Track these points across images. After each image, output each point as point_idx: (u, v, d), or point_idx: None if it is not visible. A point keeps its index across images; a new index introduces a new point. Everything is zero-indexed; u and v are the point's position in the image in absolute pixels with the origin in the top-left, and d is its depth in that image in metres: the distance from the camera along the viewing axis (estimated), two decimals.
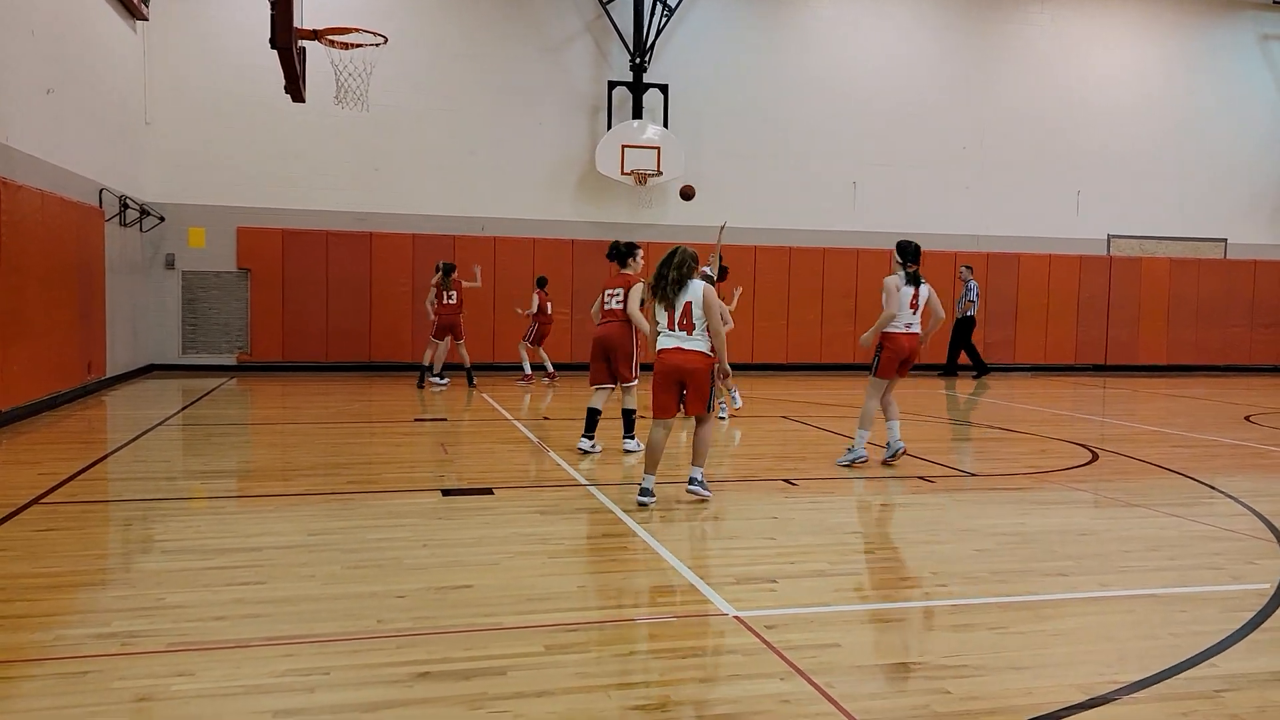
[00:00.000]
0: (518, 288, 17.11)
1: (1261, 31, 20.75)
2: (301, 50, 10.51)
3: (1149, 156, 20.36)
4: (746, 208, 18.58)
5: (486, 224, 17.57)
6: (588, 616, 4.31)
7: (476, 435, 10.01)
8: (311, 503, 6.60)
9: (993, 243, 19.70)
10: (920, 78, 19.32)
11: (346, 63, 11.12)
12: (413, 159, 17.27)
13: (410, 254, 16.85)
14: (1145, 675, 3.64)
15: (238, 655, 3.75)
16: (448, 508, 6.47)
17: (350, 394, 13.74)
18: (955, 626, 4.28)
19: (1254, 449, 9.70)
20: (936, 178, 19.40)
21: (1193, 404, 14.19)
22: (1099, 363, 20.24)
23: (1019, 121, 19.74)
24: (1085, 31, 20.02)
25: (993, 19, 19.63)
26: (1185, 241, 20.81)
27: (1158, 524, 6.25)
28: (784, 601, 4.55)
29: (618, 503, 6.60)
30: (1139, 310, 20.28)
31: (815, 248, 18.71)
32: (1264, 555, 5.45)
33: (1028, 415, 12.39)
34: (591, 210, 18.09)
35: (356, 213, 17.08)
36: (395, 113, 16.92)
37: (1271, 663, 3.82)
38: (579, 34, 17.94)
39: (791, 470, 8.04)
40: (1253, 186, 21.03)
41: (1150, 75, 20.39)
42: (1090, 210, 20.25)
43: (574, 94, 17.94)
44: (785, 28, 18.81)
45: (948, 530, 6.09)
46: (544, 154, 17.85)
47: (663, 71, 18.04)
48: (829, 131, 18.90)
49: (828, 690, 3.49)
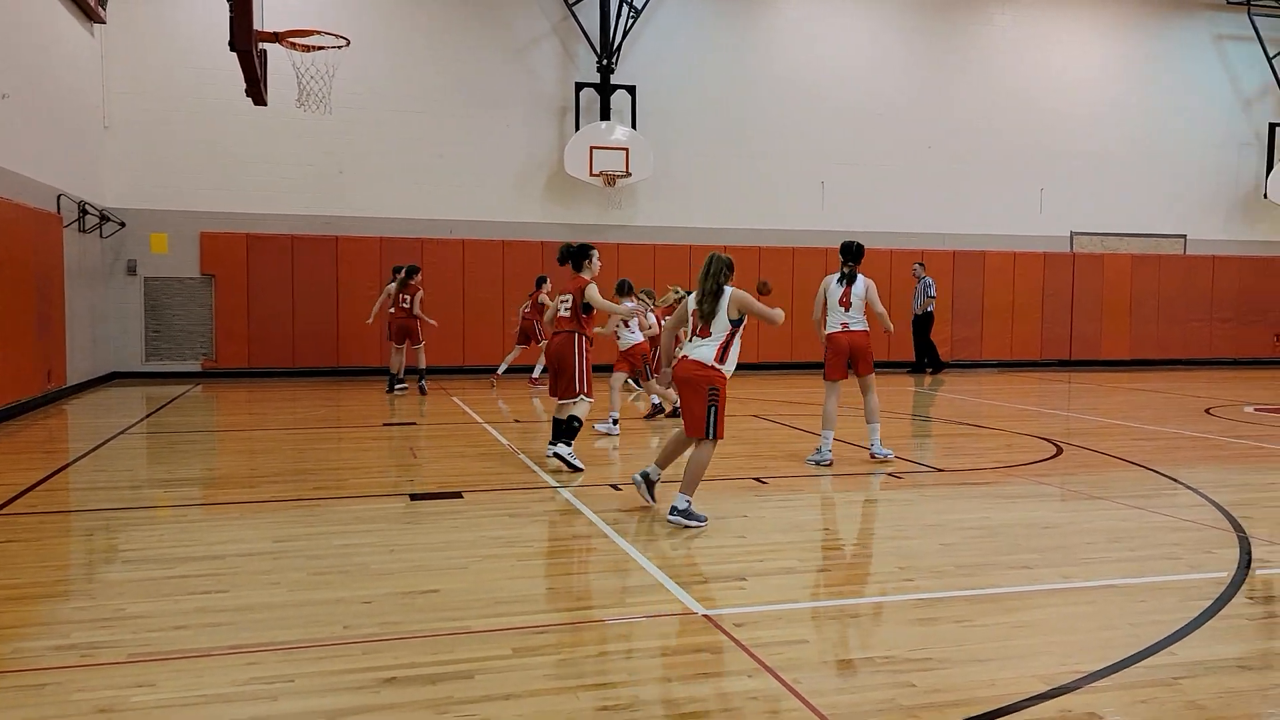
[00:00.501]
0: (487, 290, 17.06)
1: (1215, 32, 21.11)
2: (262, 53, 10.41)
3: (1110, 155, 20.66)
4: (715, 208, 18.66)
5: (454, 227, 17.49)
6: (556, 618, 4.30)
7: (446, 439, 9.96)
8: (277, 509, 6.54)
9: (958, 241, 19.89)
10: (886, 77, 19.47)
11: (308, 65, 11.04)
12: (379, 162, 17.16)
13: (377, 257, 16.74)
14: (1105, 664, 3.69)
15: (200, 665, 3.71)
16: (415, 512, 6.43)
17: (317, 399, 13.62)
18: (921, 620, 4.32)
19: (1214, 441, 9.86)
20: (903, 177, 19.57)
21: (1155, 398, 14.41)
22: (1064, 358, 20.49)
23: (983, 121, 19.95)
24: (1045, 32, 20.27)
25: (956, 20, 19.83)
26: (1146, 238, 21.13)
27: (1119, 516, 6.33)
28: (753, 599, 4.56)
29: (588, 504, 6.60)
30: (1102, 306, 20.55)
31: (784, 247, 18.80)
32: (1222, 545, 5.54)
33: (994, 411, 12.52)
34: (561, 212, 18.06)
35: (322, 216, 16.95)
36: (360, 115, 16.81)
37: (1228, 650, 3.89)
38: (545, 35, 17.91)
39: (762, 469, 8.06)
40: (1210, 184, 21.39)
41: (1110, 75, 20.68)
42: (1053, 208, 20.51)
43: (541, 95, 17.91)
44: (752, 28, 18.90)
45: (915, 526, 6.14)
46: (512, 156, 17.80)
47: (630, 73, 18.06)
48: (796, 131, 19.00)
49: (795, 686, 3.51)
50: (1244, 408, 12.83)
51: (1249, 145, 21.49)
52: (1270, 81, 21.30)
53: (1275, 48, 21.06)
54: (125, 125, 16.01)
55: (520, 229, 17.78)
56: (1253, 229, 21.65)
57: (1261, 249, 21.58)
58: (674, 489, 6.17)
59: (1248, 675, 3.63)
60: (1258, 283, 21.34)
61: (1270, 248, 21.66)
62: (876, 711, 3.31)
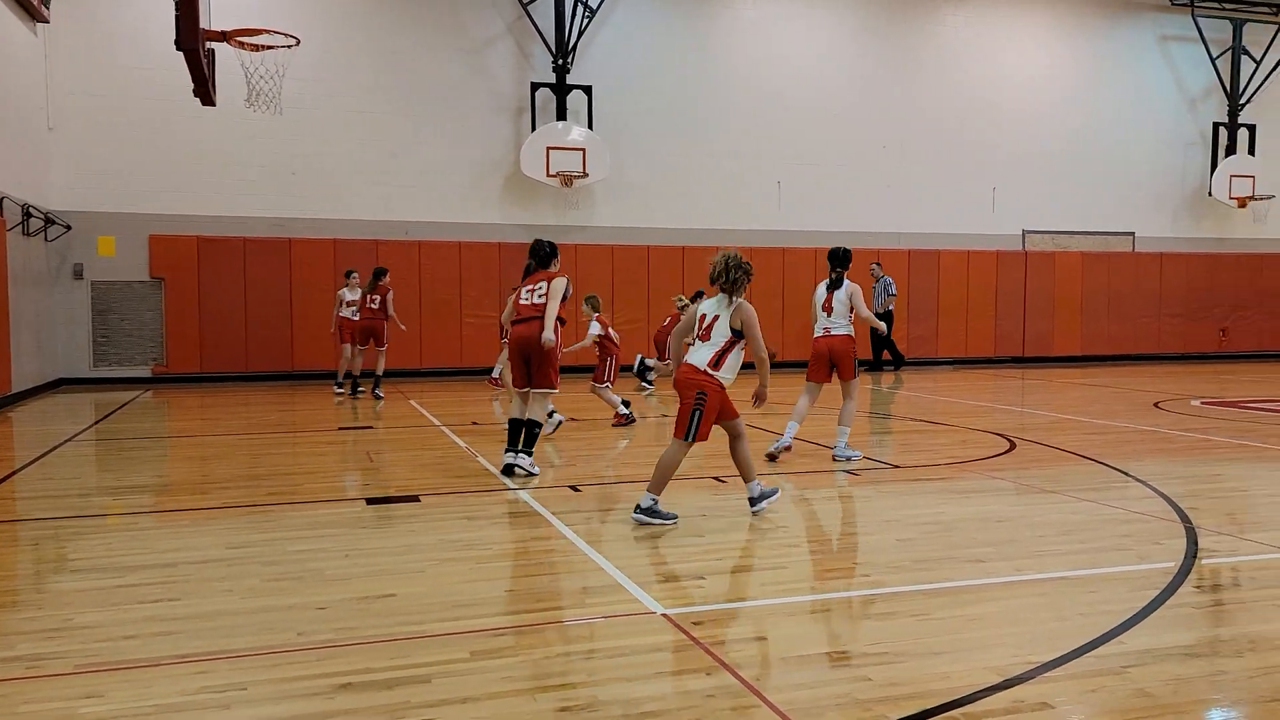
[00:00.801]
0: (444, 292, 16.94)
1: (1161, 33, 21.58)
2: (210, 52, 10.24)
3: (1060, 154, 21.02)
4: (673, 208, 18.70)
5: (410, 228, 17.36)
6: (515, 621, 4.28)
7: (403, 442, 9.87)
8: (230, 516, 6.44)
9: (913, 240, 20.12)
10: (841, 78, 19.65)
11: (257, 65, 10.88)
12: (332, 163, 16.98)
13: (332, 259, 16.55)
14: (1057, 655, 3.75)
15: (149, 674, 3.63)
16: (372, 516, 6.37)
17: (271, 404, 13.44)
18: (878, 615, 4.36)
19: (1162, 434, 10.07)
20: (858, 176, 19.76)
21: (1105, 392, 14.68)
22: (1017, 355, 20.82)
23: (936, 121, 20.21)
24: (996, 33, 20.58)
25: (909, 21, 20.06)
26: (1096, 236, 21.54)
27: (1071, 509, 6.44)
28: (712, 597, 4.58)
29: (546, 506, 6.57)
30: (1053, 303, 20.91)
31: (742, 247, 18.81)
32: (1170, 536, 5.66)
33: (949, 407, 12.68)
34: (518, 213, 17.99)
35: (274, 218, 16.72)
36: (312, 115, 16.63)
37: (1175, 638, 3.97)
38: (500, 35, 17.84)
39: (720, 468, 8.08)
40: (1157, 183, 21.86)
41: (1059, 76, 21.05)
42: (1006, 207, 20.82)
43: (497, 95, 17.83)
44: (708, 29, 18.96)
45: (871, 522, 6.20)
46: (468, 156, 17.70)
47: (586, 73, 18.04)
48: (753, 131, 19.10)
49: (754, 683, 3.52)
50: (1191, 401, 13.12)
51: (1194, 145, 21.99)
52: (1214, 82, 21.81)
53: (1218, 48, 21.57)
54: (71, 126, 15.68)
55: (477, 230, 17.68)
56: (1198, 226, 22.16)
57: (1207, 246, 22.09)
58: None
59: (1195, 663, 3.70)
60: (1204, 279, 21.84)
61: (1215, 245, 22.18)
62: (834, 706, 3.33)
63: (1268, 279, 22.28)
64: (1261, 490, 7.23)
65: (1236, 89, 21.80)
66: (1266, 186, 21.63)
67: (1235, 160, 21.71)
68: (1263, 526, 5.97)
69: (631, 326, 17.68)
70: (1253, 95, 21.81)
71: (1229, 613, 4.43)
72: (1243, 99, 21.82)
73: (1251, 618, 4.29)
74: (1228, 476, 7.77)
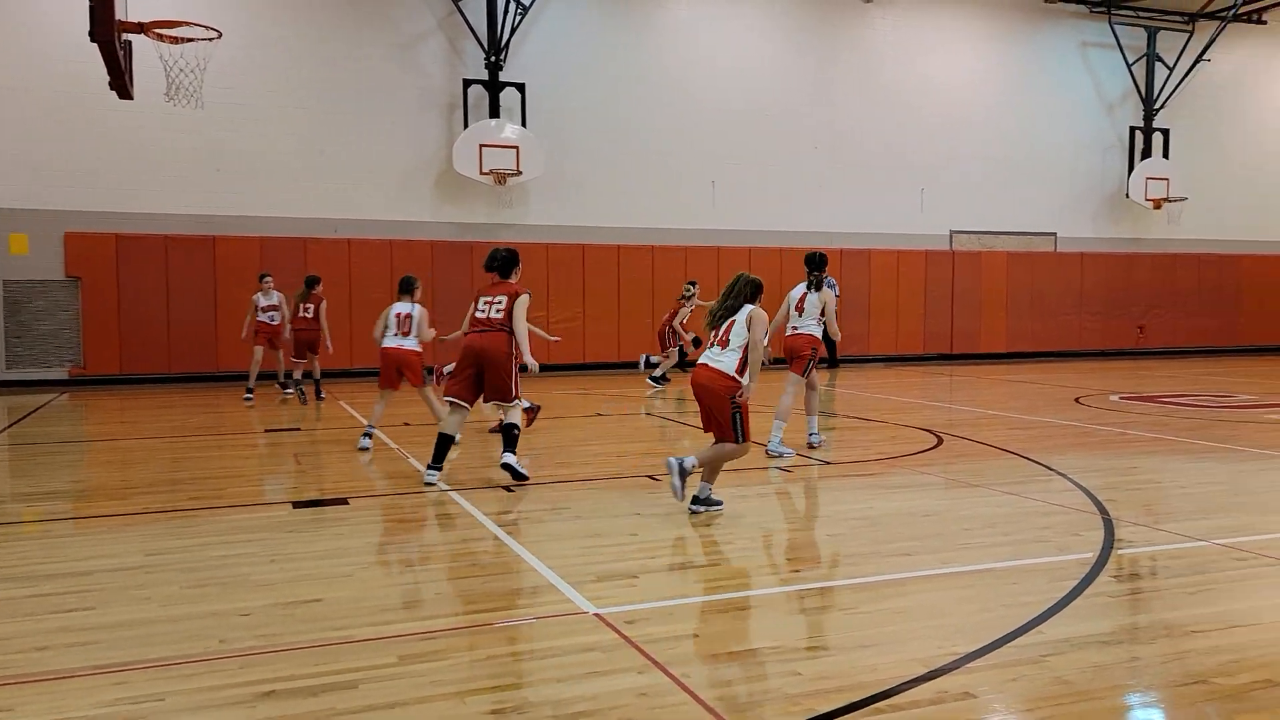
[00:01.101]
0: (375, 291, 16.67)
1: (1080, 39, 22.22)
2: (127, 44, 9.91)
3: (985, 157, 21.51)
4: (609, 207, 18.69)
5: (339, 226, 17.06)
6: (444, 624, 4.23)
7: (332, 445, 9.69)
8: (150, 521, 6.25)
9: (845, 239, 20.40)
10: (774, 79, 19.83)
11: (177, 58, 10.57)
12: (258, 159, 16.60)
13: (258, 258, 16.18)
14: (979, 645, 3.83)
15: (63, 686, 3.51)
16: (299, 520, 6.24)
17: (195, 406, 13.10)
18: (807, 610, 4.41)
19: (1082, 429, 10.37)
20: (791, 177, 19.97)
21: (1029, 388, 15.07)
22: (946, 352, 21.26)
23: (866, 122, 20.52)
24: (923, 37, 20.97)
25: (839, 23, 20.34)
26: (1020, 236, 22.09)
27: (995, 502, 6.59)
28: (644, 596, 4.58)
29: (478, 507, 6.51)
30: (980, 302, 21.41)
31: (678, 246, 18.96)
32: (1088, 527, 5.82)
33: (880, 404, 12.89)
34: (451, 211, 17.81)
35: (198, 215, 16.29)
36: (237, 110, 16.24)
37: (1091, 627, 4.08)
38: (431, 31, 17.63)
39: (655, 467, 8.09)
40: (1078, 184, 22.51)
41: (984, 80, 21.54)
42: (934, 208, 21.24)
43: (428, 92, 17.62)
44: (641, 27, 18.98)
45: (803, 518, 6.27)
46: (398, 153, 17.46)
47: (519, 70, 17.92)
48: (688, 130, 19.18)
49: (684, 681, 3.53)
50: (1110, 396, 13.53)
51: (1113, 148, 22.69)
52: (1130, 87, 22.54)
53: (1134, 55, 22.29)
54: None
55: (409, 228, 17.46)
56: (1117, 227, 22.87)
57: (1124, 246, 22.82)
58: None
59: (1111, 650, 3.81)
60: (1122, 278, 22.56)
61: (1133, 245, 22.93)
62: (763, 701, 3.36)
63: (1181, 278, 23.11)
64: (1175, 482, 7.49)
65: (1151, 94, 22.56)
66: (1180, 189, 22.42)
67: (1151, 163, 22.47)
68: (1176, 517, 6.18)
69: (568, 325, 17.63)
70: (1166, 100, 22.58)
71: (1144, 601, 4.58)
72: (1157, 104, 22.59)
73: (1165, 605, 4.44)
74: (1144, 469, 8.04)
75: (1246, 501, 6.70)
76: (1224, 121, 23.56)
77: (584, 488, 7.27)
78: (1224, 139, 23.57)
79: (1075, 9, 21.92)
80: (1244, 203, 23.67)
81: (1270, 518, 6.18)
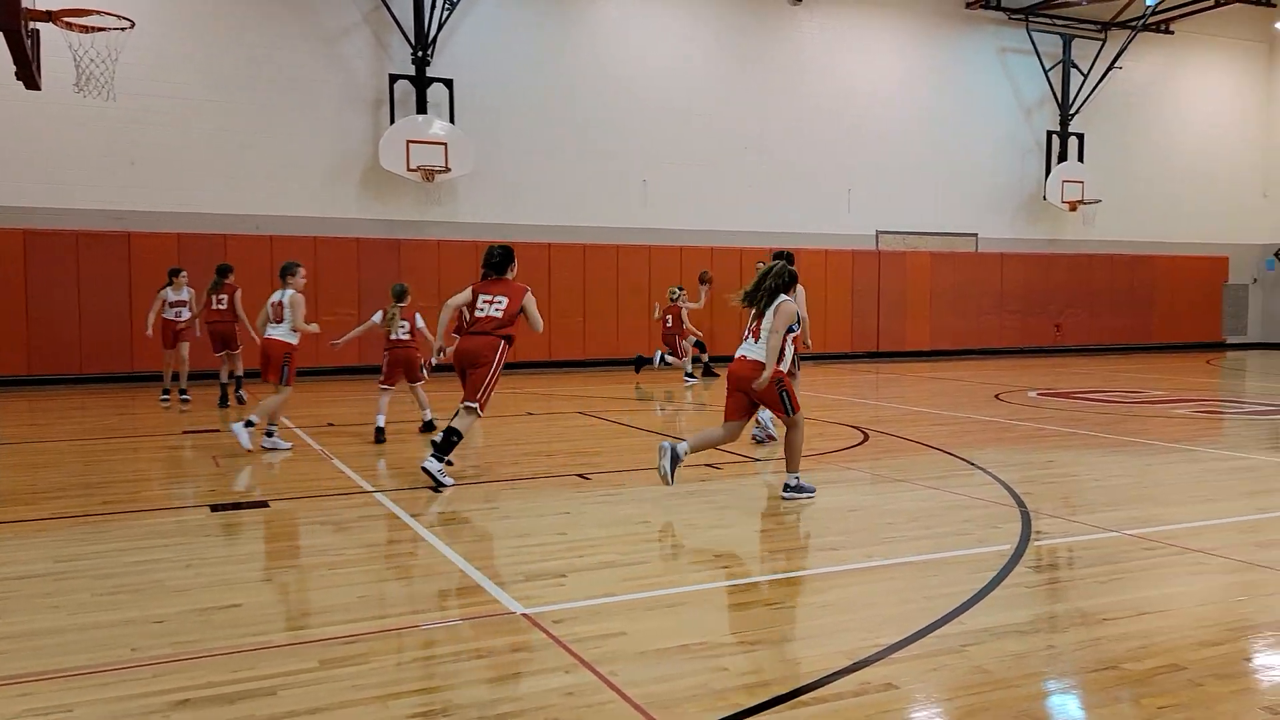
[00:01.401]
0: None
1: (1000, 45, 22.81)
2: (34, 32, 9.52)
3: (909, 158, 21.94)
4: (538, 205, 18.59)
5: (261, 222, 16.66)
6: (368, 627, 4.15)
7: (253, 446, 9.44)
8: (60, 527, 6.02)
9: (774, 239, 20.56)
10: (703, 78, 19.94)
11: (87, 47, 10.18)
12: (175, 153, 16.12)
13: (175, 254, 15.69)
14: (902, 637, 3.90)
15: None
16: (217, 524, 6.07)
17: (108, 407, 12.66)
18: (734, 605, 4.43)
19: (1001, 424, 10.65)
20: (721, 176, 20.10)
21: (952, 385, 15.42)
22: (872, 350, 21.63)
23: (794, 123, 20.77)
24: (847, 40, 21.30)
25: (767, 24, 20.54)
26: (942, 236, 22.59)
27: (918, 497, 6.73)
28: (572, 595, 4.56)
29: (404, 508, 6.42)
30: (905, 301, 21.83)
31: (609, 244, 18.94)
32: (1006, 520, 5.98)
33: (808, 401, 13.01)
34: (377, 207, 17.52)
35: (111, 210, 15.76)
36: (153, 103, 15.76)
37: (1010, 616, 4.19)
38: (357, 25, 17.33)
39: (585, 465, 8.08)
40: (997, 186, 23.10)
41: (907, 83, 21.97)
42: (861, 208, 21.59)
43: (353, 87, 17.32)
44: (571, 24, 18.92)
45: (731, 514, 6.31)
46: (323, 148, 17.12)
47: (447, 66, 17.72)
48: (618, 129, 19.17)
49: (611, 679, 3.52)
50: (1028, 393, 13.92)
51: (1031, 151, 23.34)
52: (1047, 92, 23.20)
53: (1051, 61, 22.96)
54: None
55: (334, 224, 17.14)
56: (1035, 228, 23.54)
57: (1042, 246, 23.50)
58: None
59: (1028, 639, 3.92)
60: (1040, 277, 23.23)
61: (1049, 245, 23.62)
62: (690, 698, 3.37)
63: (1096, 278, 23.89)
64: (1090, 475, 7.73)
65: (1067, 100, 23.26)
66: (1094, 191, 23.18)
67: (1067, 166, 23.18)
68: (1091, 509, 6.38)
69: None
70: (1081, 106, 23.32)
71: (1060, 590, 4.71)
72: (1073, 109, 23.31)
73: (1079, 594, 4.57)
74: (1060, 463, 8.28)
75: (1155, 493, 6.95)
76: (1135, 127, 24.43)
77: (512, 487, 7.21)
78: (1135, 144, 24.44)
79: (995, 15, 22.49)
80: (1154, 205, 24.58)
81: (1177, 509, 6.42)
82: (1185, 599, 4.52)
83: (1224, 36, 25.06)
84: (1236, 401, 13.39)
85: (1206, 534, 5.64)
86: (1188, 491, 7.03)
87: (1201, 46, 24.90)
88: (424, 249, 17.54)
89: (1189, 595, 4.58)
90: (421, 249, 17.51)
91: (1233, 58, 25.42)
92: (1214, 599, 4.53)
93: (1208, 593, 4.63)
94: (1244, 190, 25.83)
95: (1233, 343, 25.83)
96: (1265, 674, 3.67)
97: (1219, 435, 10.13)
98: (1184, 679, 3.51)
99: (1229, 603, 4.47)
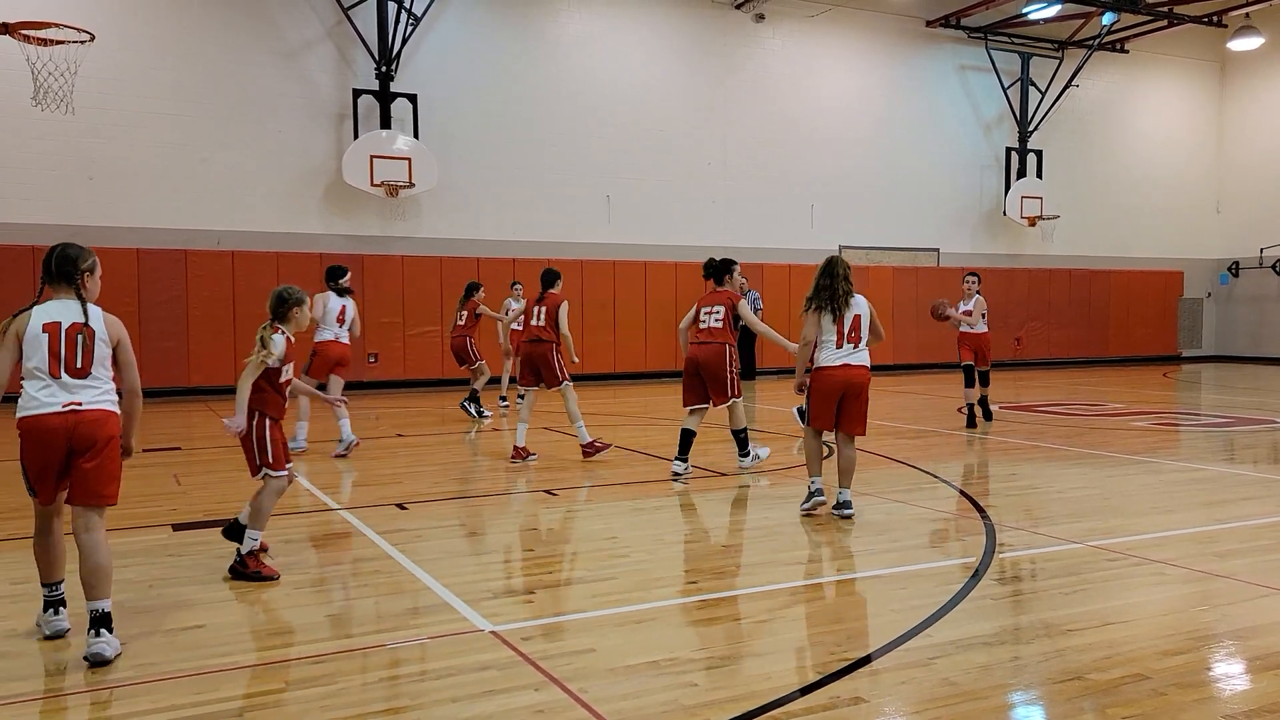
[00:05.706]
0: (259, 304, 16.11)
1: (959, 63, 23.18)
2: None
3: (871, 174, 22.18)
4: (502, 220, 18.55)
5: (222, 237, 16.47)
6: (335, 646, 4.10)
7: (215, 464, 9.32)
8: (14, 549, 5.89)
9: (739, 254, 20.50)
10: (666, 94, 20.04)
11: (46, 60, 10.05)
12: (135, 167, 15.90)
13: (135, 270, 15.48)
14: (870, 650, 3.92)
15: None
16: (179, 544, 5.97)
17: None
18: (703, 621, 4.43)
19: (965, 437, 10.77)
20: (685, 192, 20.18)
21: (915, 399, 15.57)
22: None
23: (758, 139, 20.92)
24: (809, 57, 21.52)
25: (730, 40, 20.71)
26: (905, 251, 22.84)
27: (885, 510, 6.78)
28: (541, 612, 4.54)
29: (370, 525, 6.35)
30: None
31: (573, 260, 18.91)
32: (971, 532, 6.04)
33: (774, 416, 13.12)
34: (340, 222, 17.39)
35: (68, 226, 15.47)
36: (112, 117, 15.54)
37: (974, 629, 4.23)
38: (320, 40, 17.23)
39: (551, 481, 8.06)
40: (958, 201, 23.42)
41: (869, 100, 22.23)
42: (824, 223, 21.77)
43: (316, 101, 17.20)
44: (535, 40, 18.95)
45: (699, 529, 6.32)
46: (286, 163, 16.97)
47: (411, 81, 17.66)
48: (582, 144, 19.20)
49: (581, 696, 3.51)
50: (991, 407, 14.05)
51: (990, 167, 23.71)
52: (1006, 109, 23.60)
53: (1009, 79, 23.36)
54: None
55: (296, 240, 16.98)
56: (995, 243, 23.88)
57: (1002, 261, 23.84)
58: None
59: (994, 650, 3.96)
60: (1000, 292, 23.52)
61: (1010, 260, 23.97)
62: (660, 714, 3.36)
63: (1055, 292, 24.28)
64: (1052, 487, 7.83)
65: (1025, 116, 23.67)
66: (1052, 207, 23.58)
67: (1025, 183, 23.56)
68: (1053, 521, 6.46)
69: None
70: (1039, 123, 23.73)
71: (1025, 602, 4.77)
72: (1031, 126, 23.72)
73: (1043, 605, 4.63)
74: (1022, 475, 8.38)
75: (1117, 505, 7.06)
76: (1091, 143, 24.90)
77: (481, 504, 7.17)
78: (1091, 160, 24.91)
79: (954, 34, 22.85)
80: (1110, 221, 25.05)
81: (1138, 520, 6.53)
82: (1147, 609, 4.59)
83: (1177, 56, 25.65)
84: (1193, 414, 13.65)
85: (1167, 545, 5.74)
86: (1148, 503, 7.15)
87: (1155, 65, 25.47)
88: (388, 264, 17.43)
89: (1151, 605, 4.65)
90: (385, 264, 17.40)
91: (1186, 76, 26.02)
92: (1176, 609, 4.61)
93: (1169, 602, 4.70)
94: (1198, 206, 26.41)
95: (1188, 355, 26.33)
96: (1226, 682, 3.74)
97: (1177, 447, 10.31)
98: (1147, 688, 3.56)
99: (1190, 612, 4.54)
